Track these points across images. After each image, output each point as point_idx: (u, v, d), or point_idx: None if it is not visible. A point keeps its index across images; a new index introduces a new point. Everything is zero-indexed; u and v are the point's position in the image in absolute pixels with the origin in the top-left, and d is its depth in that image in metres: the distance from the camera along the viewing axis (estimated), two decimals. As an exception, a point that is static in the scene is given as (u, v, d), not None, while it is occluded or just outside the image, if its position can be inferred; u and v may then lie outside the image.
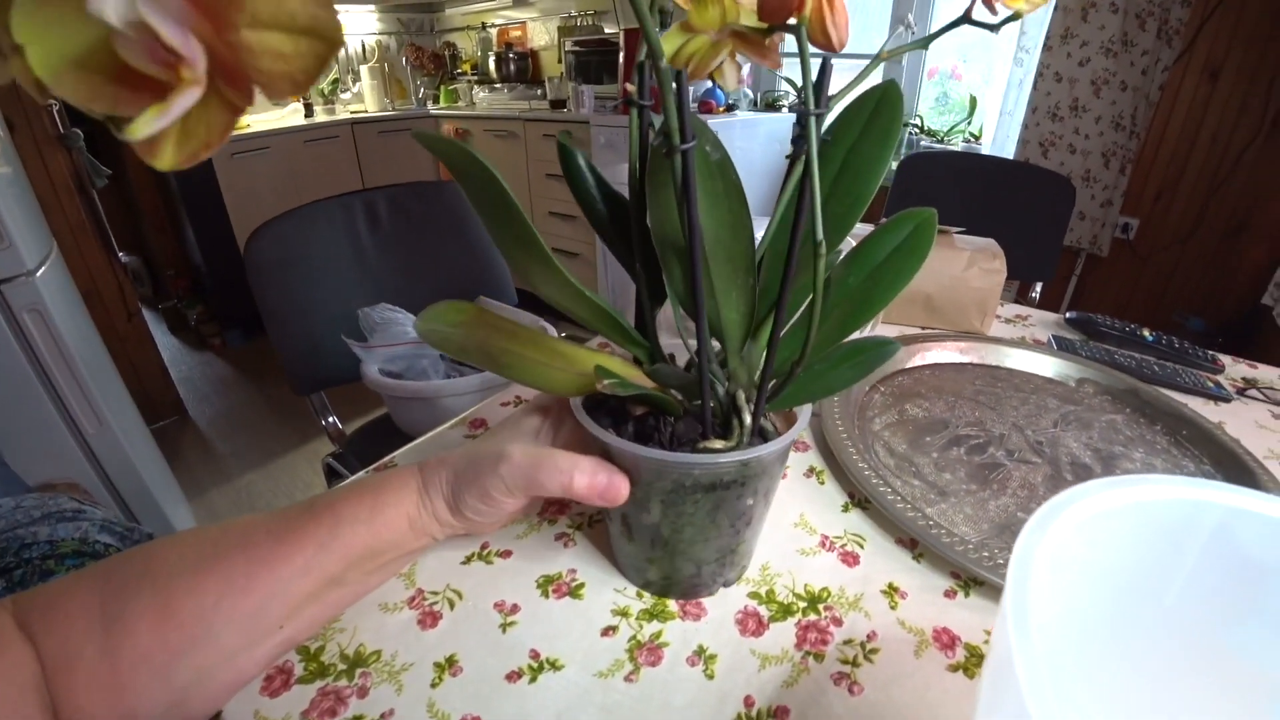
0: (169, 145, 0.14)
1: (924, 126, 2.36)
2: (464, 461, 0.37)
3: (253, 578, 0.33)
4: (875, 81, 0.34)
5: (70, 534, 0.61)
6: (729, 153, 0.32)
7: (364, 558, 0.36)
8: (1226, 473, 0.53)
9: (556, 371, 0.35)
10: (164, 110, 0.13)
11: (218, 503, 1.90)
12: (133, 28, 0.12)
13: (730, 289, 0.34)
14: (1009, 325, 0.84)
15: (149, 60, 0.13)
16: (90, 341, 1.42)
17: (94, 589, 0.32)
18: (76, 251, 1.85)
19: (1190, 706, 0.26)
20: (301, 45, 0.14)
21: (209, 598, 0.32)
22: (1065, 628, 0.24)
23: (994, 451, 0.55)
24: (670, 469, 0.33)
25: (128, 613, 0.31)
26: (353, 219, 1.06)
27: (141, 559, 0.34)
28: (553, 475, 0.34)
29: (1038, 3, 0.26)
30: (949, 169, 1.62)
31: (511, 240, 0.29)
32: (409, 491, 0.37)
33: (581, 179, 0.35)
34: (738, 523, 0.37)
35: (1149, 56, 1.77)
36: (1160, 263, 1.99)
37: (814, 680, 0.35)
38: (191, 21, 0.13)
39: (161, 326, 3.09)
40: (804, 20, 0.26)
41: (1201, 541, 0.24)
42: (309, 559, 0.34)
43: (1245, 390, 0.69)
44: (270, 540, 0.34)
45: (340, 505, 0.36)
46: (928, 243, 0.36)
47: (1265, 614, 0.25)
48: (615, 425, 0.38)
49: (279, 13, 0.13)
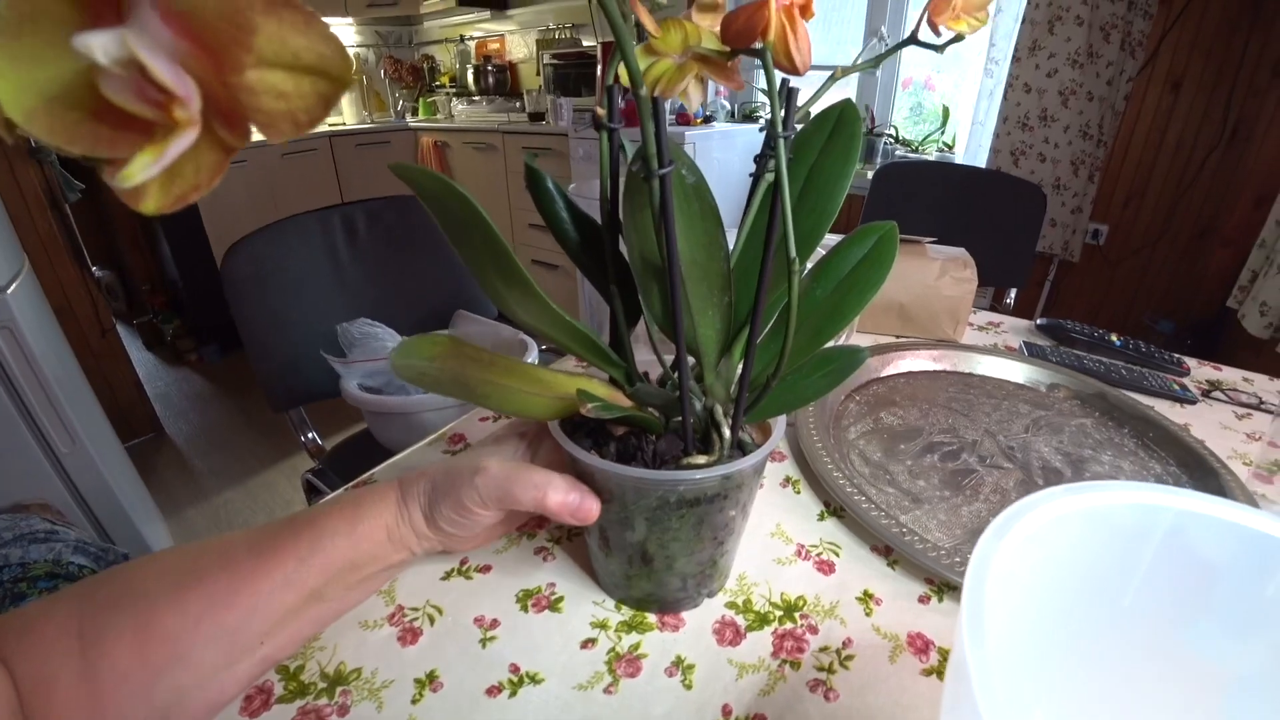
0: (154, 188, 0.13)
1: (899, 136, 2.40)
2: (441, 474, 0.38)
3: (234, 593, 0.33)
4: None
5: (43, 555, 0.60)
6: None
7: (344, 570, 0.36)
8: (1192, 474, 0.55)
9: (535, 398, 0.35)
10: (158, 155, 0.12)
11: (195, 521, 1.87)
12: (122, 65, 0.12)
13: (706, 307, 0.35)
14: (981, 332, 0.85)
15: (136, 99, 0.12)
16: (63, 358, 1.39)
17: (71, 611, 0.32)
18: (49, 266, 1.82)
19: (1149, 702, 0.27)
20: (305, 85, 0.13)
21: (189, 616, 0.32)
22: (1026, 630, 0.25)
23: (967, 458, 0.56)
24: (655, 487, 0.34)
25: (106, 633, 0.31)
26: (330, 234, 1.06)
27: (120, 579, 0.33)
28: (526, 489, 0.35)
29: (977, 25, 0.27)
30: (923, 178, 1.65)
31: (491, 270, 0.30)
32: (388, 503, 0.38)
33: (551, 202, 0.36)
34: (720, 534, 0.37)
35: (1114, 68, 1.82)
36: (1130, 267, 2.03)
37: (790, 688, 0.35)
38: (187, 58, 0.12)
39: (136, 342, 3.04)
40: (769, 45, 0.27)
41: (1155, 544, 0.25)
42: (289, 573, 0.34)
43: (1210, 392, 0.71)
44: (251, 556, 0.34)
45: (320, 519, 0.36)
46: (891, 253, 0.37)
47: (1216, 612, 0.26)
48: (596, 446, 0.38)
49: (283, 50, 0.13)
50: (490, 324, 1.01)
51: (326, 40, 0.13)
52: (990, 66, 2.05)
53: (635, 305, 0.36)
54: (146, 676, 0.31)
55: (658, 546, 0.36)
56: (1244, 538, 0.24)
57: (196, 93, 0.12)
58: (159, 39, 0.12)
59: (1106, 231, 2.03)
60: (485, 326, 1.01)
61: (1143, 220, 1.97)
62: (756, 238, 0.35)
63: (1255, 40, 1.68)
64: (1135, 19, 1.77)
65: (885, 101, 2.43)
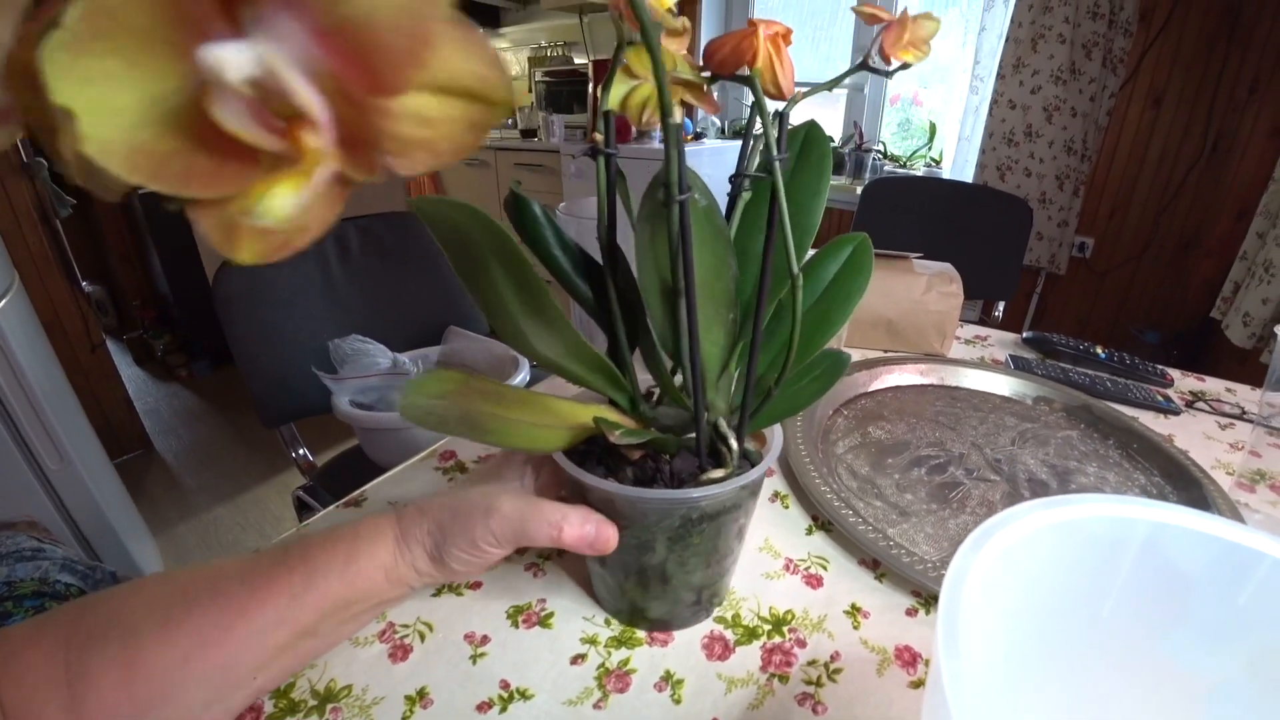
0: (252, 234, 0.11)
1: (887, 152, 2.43)
2: (446, 512, 0.37)
3: (224, 630, 0.32)
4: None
5: (29, 574, 0.60)
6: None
7: (337, 608, 0.35)
8: (1175, 484, 0.56)
9: (545, 430, 0.35)
10: (296, 190, 0.10)
11: (184, 538, 1.85)
12: (250, 85, 0.10)
13: (712, 325, 0.35)
14: (969, 346, 0.86)
15: (255, 125, 0.10)
16: (52, 374, 1.39)
17: (58, 638, 0.31)
18: (39, 282, 1.81)
19: (1129, 710, 0.28)
20: (456, 110, 0.11)
21: (178, 652, 0.31)
22: (1006, 641, 0.25)
23: (954, 471, 0.57)
24: (679, 506, 0.34)
25: (93, 666, 0.30)
26: (323, 250, 1.06)
27: (107, 607, 0.33)
28: (541, 528, 0.35)
29: (921, 56, 0.28)
30: (911, 193, 1.67)
31: (514, 302, 0.30)
32: (385, 541, 0.37)
33: (538, 229, 0.35)
34: (733, 544, 0.38)
35: (1096, 84, 1.85)
36: (1116, 279, 2.06)
37: (779, 701, 0.36)
38: (325, 77, 0.10)
39: (126, 357, 3.03)
40: (756, 73, 0.28)
41: (1131, 555, 0.26)
42: (281, 610, 0.33)
43: (1193, 403, 0.72)
44: (242, 589, 0.33)
45: (314, 554, 0.35)
46: (868, 259, 0.38)
47: (1192, 621, 0.26)
48: (611, 473, 0.38)
49: (443, 71, 0.11)
50: (483, 340, 1.01)
51: (490, 62, 0.11)
52: (975, 83, 2.08)
53: (635, 328, 0.36)
54: (133, 712, 0.30)
55: (676, 565, 0.37)
56: (1216, 548, 0.25)
57: (332, 118, 0.11)
58: (300, 53, 0.10)
59: (1092, 244, 2.06)
60: (477, 343, 1.01)
61: (1127, 233, 2.00)
62: (742, 253, 0.36)
63: (1233, 57, 1.72)
64: (1116, 36, 1.81)
65: (874, 118, 2.46)
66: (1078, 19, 1.81)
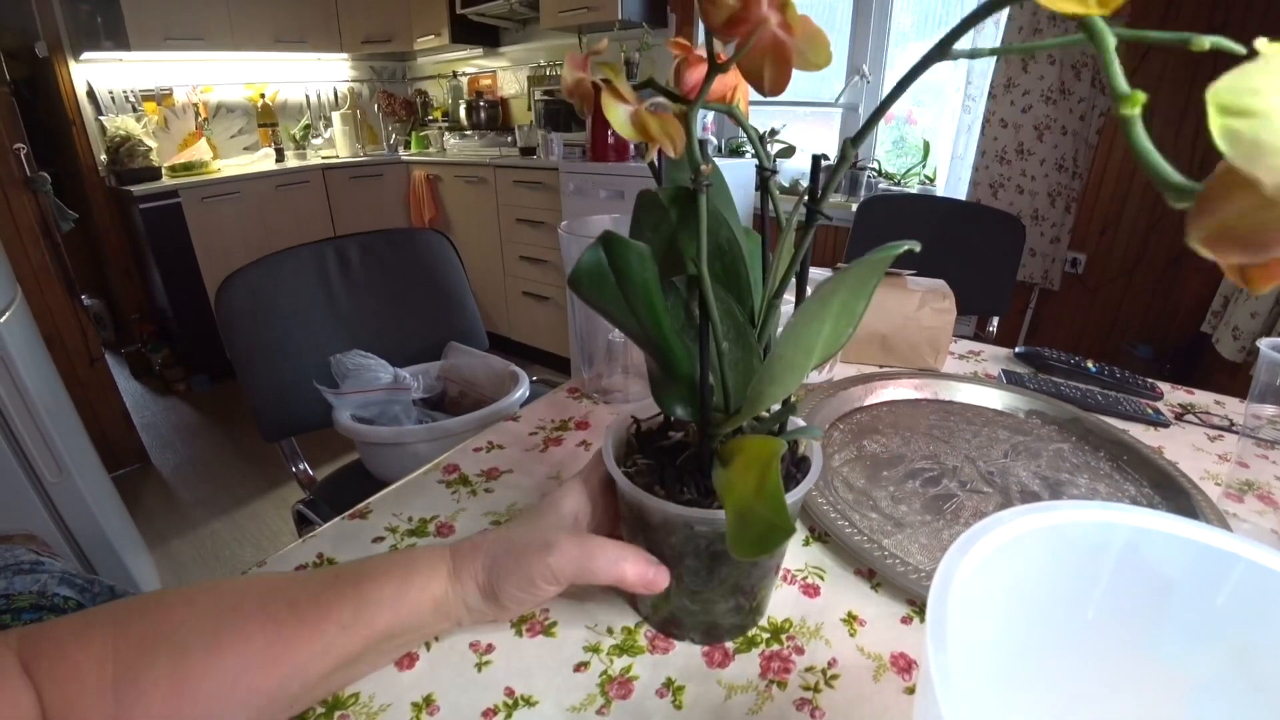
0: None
1: (881, 170, 2.46)
2: (501, 548, 0.37)
3: (272, 659, 0.32)
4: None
5: (28, 587, 0.60)
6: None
7: (384, 638, 0.36)
8: (1165, 495, 0.57)
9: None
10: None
11: (181, 552, 1.85)
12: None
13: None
14: (962, 361, 0.88)
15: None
16: (52, 387, 1.39)
17: (105, 642, 0.31)
18: (39, 295, 1.83)
19: (1117, 709, 0.29)
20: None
21: (227, 675, 0.31)
22: (995, 643, 0.26)
23: (948, 483, 0.58)
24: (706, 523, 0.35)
25: (142, 678, 0.30)
26: (324, 266, 1.07)
27: (157, 615, 0.33)
28: (605, 566, 0.36)
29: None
30: (906, 210, 1.70)
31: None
32: (438, 575, 0.37)
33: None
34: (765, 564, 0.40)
35: (1085, 103, 1.89)
36: (1108, 294, 2.08)
37: (777, 707, 0.36)
38: None
39: (124, 371, 3.03)
40: (735, 105, 0.31)
41: (1113, 559, 0.27)
42: (330, 640, 0.34)
43: (1182, 415, 0.73)
44: (292, 615, 0.34)
45: (366, 583, 0.36)
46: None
47: (1174, 622, 0.27)
48: (671, 496, 0.38)
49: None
50: (482, 355, 1.03)
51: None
52: (968, 102, 2.12)
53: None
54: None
55: (743, 574, 0.38)
56: (1194, 551, 0.26)
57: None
58: None
59: (1085, 260, 2.09)
60: (477, 358, 1.02)
61: (1119, 249, 2.03)
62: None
63: (1218, 76, 1.75)
64: (1105, 58, 1.85)
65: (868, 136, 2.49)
66: (1067, 40, 1.84)
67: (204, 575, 1.77)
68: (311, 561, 0.49)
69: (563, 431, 0.67)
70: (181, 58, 3.03)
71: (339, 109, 3.55)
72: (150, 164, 2.77)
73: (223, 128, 3.28)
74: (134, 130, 2.76)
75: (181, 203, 2.69)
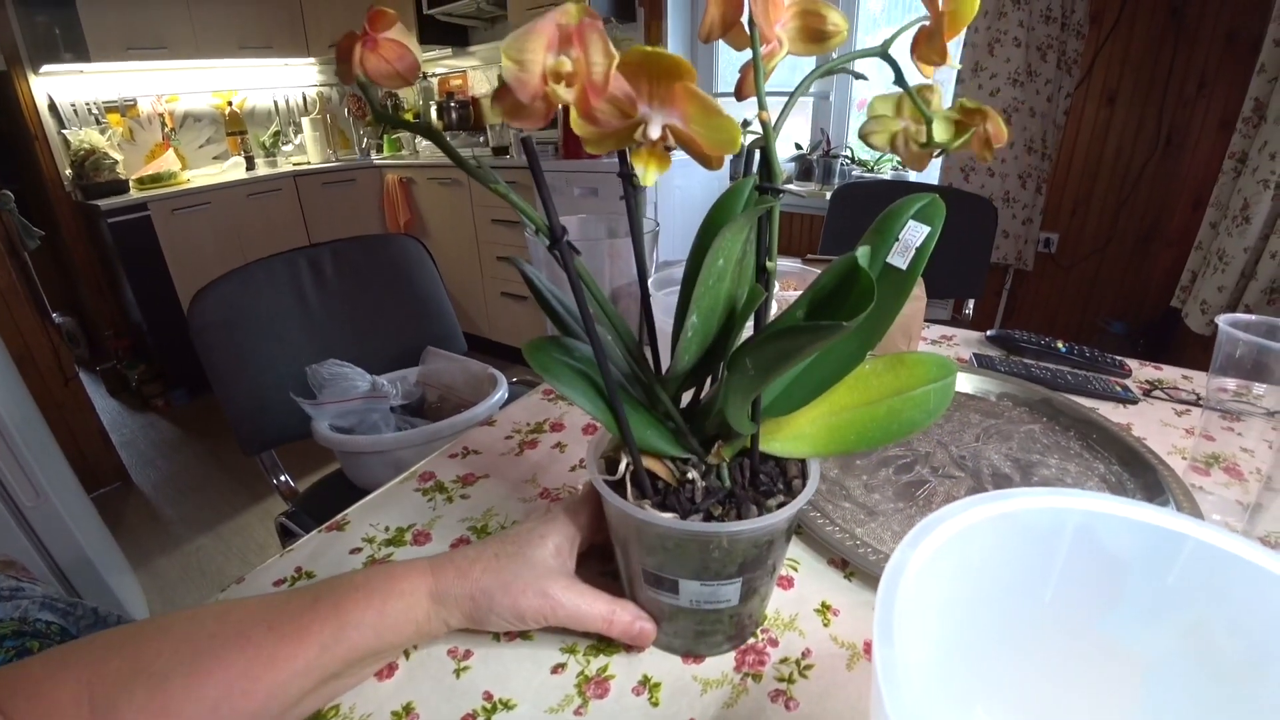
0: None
1: (854, 157, 2.47)
2: (493, 581, 0.38)
3: (253, 679, 0.32)
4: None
5: (9, 614, 0.59)
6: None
7: (366, 657, 0.36)
8: (1132, 471, 0.58)
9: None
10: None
11: (166, 570, 1.83)
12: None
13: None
14: (935, 346, 0.89)
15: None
16: (25, 409, 1.37)
17: (81, 679, 0.31)
18: (8, 315, 1.79)
19: (1079, 687, 0.29)
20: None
21: (207, 703, 0.31)
22: (956, 628, 0.27)
23: (920, 469, 0.59)
24: (767, 532, 0.35)
25: (121, 711, 0.30)
26: (298, 276, 1.06)
27: (133, 649, 0.33)
28: (596, 622, 0.39)
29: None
30: (879, 197, 1.70)
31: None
32: (419, 598, 0.37)
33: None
34: (765, 576, 0.40)
35: (1052, 85, 1.91)
36: (1081, 272, 2.11)
37: (753, 699, 0.37)
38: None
39: (100, 389, 2.98)
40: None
41: (1067, 542, 0.28)
42: (310, 660, 0.34)
43: (1150, 391, 0.75)
44: (270, 637, 0.33)
45: (345, 605, 0.36)
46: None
47: (1127, 601, 0.28)
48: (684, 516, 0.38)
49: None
50: (460, 359, 1.02)
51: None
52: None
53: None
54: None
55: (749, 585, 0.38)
56: (1144, 532, 0.27)
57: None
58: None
59: (1057, 240, 2.11)
60: (455, 362, 1.02)
61: (1090, 227, 2.05)
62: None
63: (1180, 55, 1.78)
64: (1069, 39, 1.87)
65: (840, 123, 2.51)
66: (1032, 23, 1.86)
67: (191, 592, 1.75)
68: (290, 576, 0.48)
69: (538, 434, 0.67)
70: (145, 67, 2.97)
71: (309, 114, 3.50)
72: (117, 177, 2.72)
73: (190, 137, 3.22)
74: (98, 143, 2.71)
75: (151, 215, 2.64)
